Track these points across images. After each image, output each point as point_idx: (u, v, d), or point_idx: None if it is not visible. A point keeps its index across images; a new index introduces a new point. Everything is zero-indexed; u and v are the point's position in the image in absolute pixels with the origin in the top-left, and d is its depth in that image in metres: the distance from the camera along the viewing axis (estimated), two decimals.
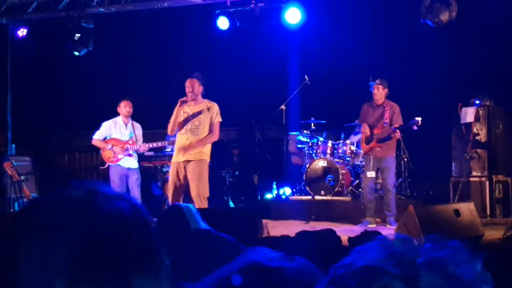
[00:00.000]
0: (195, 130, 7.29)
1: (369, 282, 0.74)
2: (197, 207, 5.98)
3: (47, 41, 11.08)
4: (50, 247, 0.73)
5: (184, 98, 7.27)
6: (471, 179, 8.66)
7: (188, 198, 7.56)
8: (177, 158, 7.34)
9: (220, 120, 7.39)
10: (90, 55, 10.54)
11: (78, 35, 10.01)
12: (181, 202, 6.94)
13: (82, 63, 10.94)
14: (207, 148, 7.44)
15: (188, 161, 7.26)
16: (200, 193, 7.18)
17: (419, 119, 7.49)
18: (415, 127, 7.58)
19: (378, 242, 0.82)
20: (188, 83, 7.31)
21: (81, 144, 11.75)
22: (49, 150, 12.16)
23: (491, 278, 0.79)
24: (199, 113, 7.30)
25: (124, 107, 8.28)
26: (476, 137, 8.66)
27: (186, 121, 7.29)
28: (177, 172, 7.30)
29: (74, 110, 11.51)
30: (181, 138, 7.32)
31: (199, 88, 7.30)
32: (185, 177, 7.28)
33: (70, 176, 12.04)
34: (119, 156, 8.16)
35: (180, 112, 7.28)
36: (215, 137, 7.39)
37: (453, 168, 9.10)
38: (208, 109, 7.33)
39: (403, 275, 0.74)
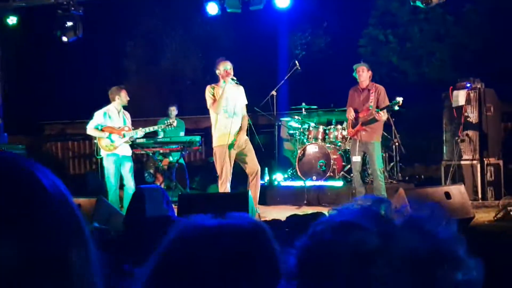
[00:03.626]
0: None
1: (346, 235, 0.76)
2: None
3: (38, 29, 11.01)
4: None
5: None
6: (463, 162, 8.68)
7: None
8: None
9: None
10: (81, 42, 10.47)
11: (70, 23, 9.91)
12: None
13: (73, 51, 10.88)
14: None
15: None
16: None
17: (400, 99, 7.46)
18: (396, 107, 7.55)
19: (357, 204, 0.83)
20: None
21: (74, 133, 11.72)
22: (42, 139, 12.14)
23: (465, 240, 0.80)
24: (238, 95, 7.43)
25: (125, 96, 8.25)
26: (467, 120, 8.66)
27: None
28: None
29: (67, 99, 11.47)
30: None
31: None
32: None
33: (63, 164, 12.02)
34: (117, 144, 8.12)
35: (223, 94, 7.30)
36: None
37: (444, 151, 9.11)
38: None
39: (379, 231, 0.75)
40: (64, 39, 9.86)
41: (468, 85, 8.67)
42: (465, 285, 0.76)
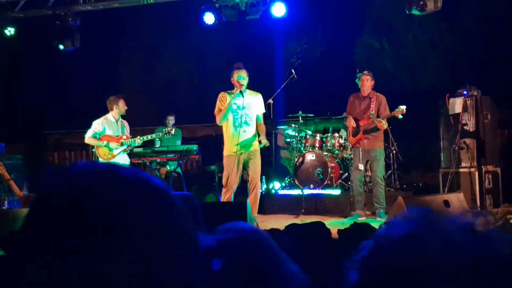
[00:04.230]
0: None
1: (407, 247, 0.77)
2: None
3: (36, 39, 11.00)
4: None
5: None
6: (461, 170, 8.69)
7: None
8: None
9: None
10: (78, 53, 10.47)
11: (65, 33, 9.92)
12: None
13: (71, 62, 10.88)
14: None
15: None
16: None
17: (403, 107, 7.49)
18: (400, 115, 7.58)
19: (401, 218, 0.85)
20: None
21: (72, 142, 11.70)
22: (40, 149, 12.11)
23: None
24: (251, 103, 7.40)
25: (123, 106, 8.26)
26: (465, 128, 8.69)
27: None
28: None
29: (65, 108, 11.47)
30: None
31: None
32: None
33: None
34: (115, 152, 8.12)
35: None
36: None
37: (442, 159, 9.14)
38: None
39: (439, 239, 0.77)
40: (61, 47, 9.87)
41: (465, 92, 8.70)
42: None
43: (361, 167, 7.88)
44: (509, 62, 11.54)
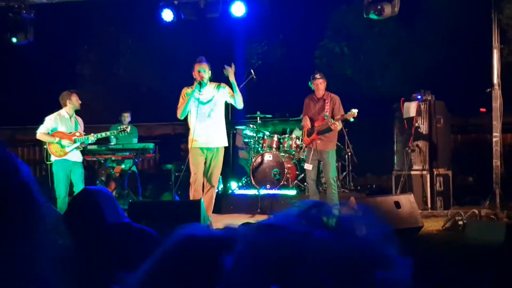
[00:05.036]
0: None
1: (267, 236, 0.79)
2: None
3: None
4: None
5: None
6: (413, 172, 8.84)
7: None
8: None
9: None
10: (32, 47, 10.23)
11: (18, 26, 9.68)
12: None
13: (25, 55, 10.62)
14: None
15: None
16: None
17: (355, 110, 7.58)
18: (351, 118, 7.66)
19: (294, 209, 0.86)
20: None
21: (24, 139, 11.43)
22: None
23: (395, 241, 0.83)
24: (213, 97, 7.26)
25: (76, 100, 8.08)
26: (418, 131, 8.84)
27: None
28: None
29: (17, 103, 11.19)
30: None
31: None
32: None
33: None
34: (67, 149, 7.94)
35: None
36: None
37: (395, 161, 9.28)
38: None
39: (305, 232, 0.77)
40: (14, 40, 9.64)
41: (419, 97, 8.87)
42: (392, 284, 0.76)
43: (310, 167, 7.93)
44: (465, 69, 11.82)
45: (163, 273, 0.95)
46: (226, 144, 7.43)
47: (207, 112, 7.21)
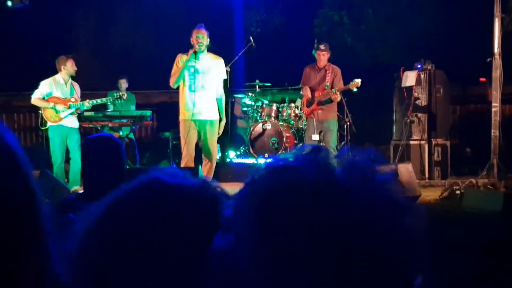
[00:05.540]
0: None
1: (281, 175, 0.72)
2: None
3: None
4: None
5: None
6: (411, 142, 8.83)
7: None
8: None
9: None
10: (28, 11, 10.07)
11: None
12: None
13: (20, 20, 10.47)
14: None
15: None
16: None
17: (358, 80, 7.52)
18: (355, 89, 7.61)
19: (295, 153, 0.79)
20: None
21: (20, 105, 11.35)
22: None
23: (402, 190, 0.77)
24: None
25: (71, 66, 7.97)
26: (417, 101, 8.80)
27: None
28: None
29: (13, 69, 11.07)
30: None
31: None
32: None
33: None
34: (62, 115, 7.88)
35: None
36: None
37: (393, 131, 9.25)
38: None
39: (316, 175, 0.71)
40: (9, 3, 9.47)
41: (419, 66, 8.80)
42: (410, 231, 0.72)
43: (316, 137, 7.91)
44: (465, 39, 11.70)
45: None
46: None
47: (201, 82, 6.95)
